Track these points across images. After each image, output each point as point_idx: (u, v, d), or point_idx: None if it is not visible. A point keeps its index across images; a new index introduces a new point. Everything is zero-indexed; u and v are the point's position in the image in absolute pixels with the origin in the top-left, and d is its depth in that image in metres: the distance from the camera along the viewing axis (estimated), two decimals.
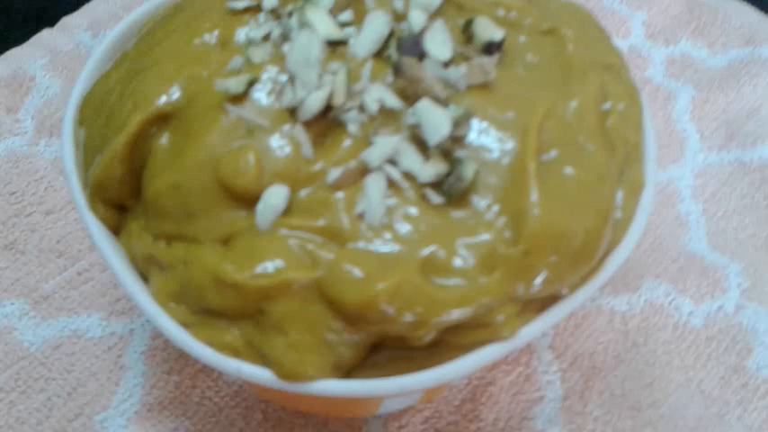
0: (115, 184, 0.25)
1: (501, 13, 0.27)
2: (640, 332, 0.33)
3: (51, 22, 0.44)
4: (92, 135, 0.26)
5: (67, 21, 0.44)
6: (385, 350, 0.23)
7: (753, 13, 0.46)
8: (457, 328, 0.23)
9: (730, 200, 0.38)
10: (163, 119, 0.25)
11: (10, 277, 0.34)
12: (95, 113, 0.27)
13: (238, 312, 0.22)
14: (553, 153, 0.24)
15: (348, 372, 0.23)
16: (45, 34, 0.43)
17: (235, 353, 0.23)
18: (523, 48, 0.27)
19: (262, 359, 0.23)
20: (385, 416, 0.30)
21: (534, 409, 0.31)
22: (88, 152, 0.26)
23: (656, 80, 0.43)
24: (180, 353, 0.31)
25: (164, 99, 0.25)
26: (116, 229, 0.26)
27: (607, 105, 0.26)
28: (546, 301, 0.24)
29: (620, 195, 0.25)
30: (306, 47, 0.24)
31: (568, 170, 0.24)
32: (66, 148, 0.26)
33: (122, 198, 0.26)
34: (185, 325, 0.23)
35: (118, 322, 0.33)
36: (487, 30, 0.26)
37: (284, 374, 0.22)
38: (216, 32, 0.26)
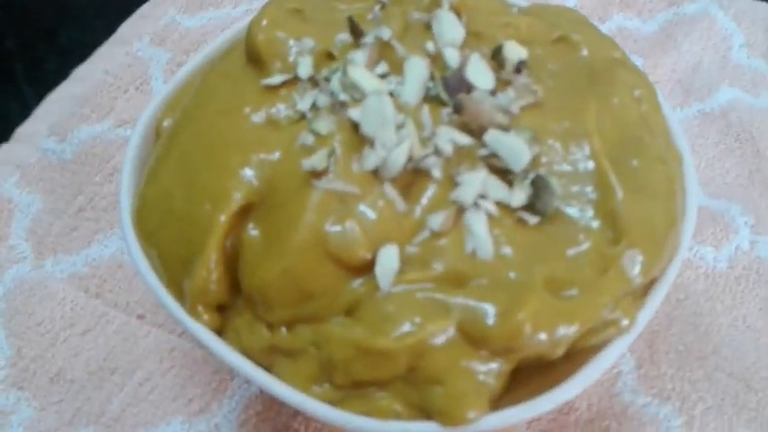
0: (214, 287, 0.25)
1: (513, 31, 0.29)
2: (680, 289, 0.36)
3: (2, 135, 0.43)
4: (167, 246, 0.26)
5: (23, 131, 0.42)
6: (522, 370, 0.24)
7: None
8: (585, 333, 0.24)
9: (707, 150, 0.42)
10: (246, 210, 0.25)
11: (69, 409, 0.32)
12: (161, 224, 0.26)
13: (389, 376, 0.23)
14: (616, 149, 0.26)
15: (497, 401, 0.24)
16: (4, 149, 0.42)
17: (395, 415, 0.23)
18: (543, 59, 0.29)
19: (422, 414, 0.23)
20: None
21: (617, 384, 0.34)
22: (169, 263, 0.26)
23: None
24: (274, 430, 0.31)
25: (242, 191, 0.25)
26: (218, 331, 0.26)
27: (636, 93, 0.28)
28: (645, 288, 0.26)
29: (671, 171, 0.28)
30: (380, 110, 0.24)
31: (635, 162, 0.26)
32: (144, 271, 0.26)
33: (222, 298, 0.26)
34: (334, 403, 0.24)
35: (200, 420, 0.32)
36: (515, 51, 0.27)
37: (451, 422, 0.23)
38: (261, 113, 0.27)
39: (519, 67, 0.27)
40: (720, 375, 0.34)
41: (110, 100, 0.44)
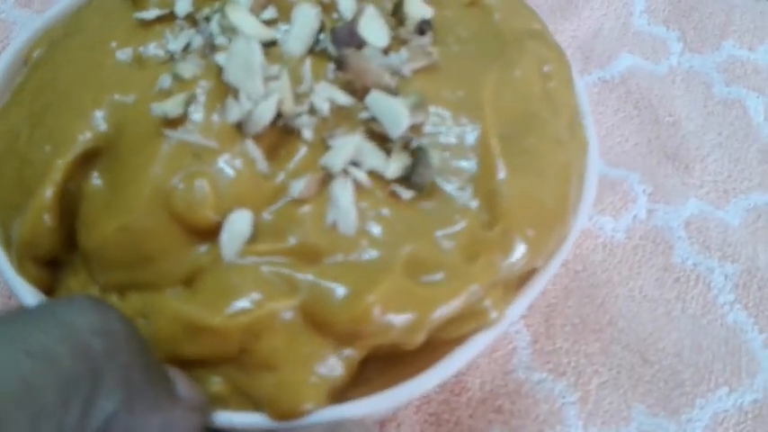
0: (46, 240, 0.22)
1: None
2: (577, 260, 0.34)
3: None
4: (3, 188, 0.23)
5: None
6: (375, 361, 0.22)
7: None
8: (447, 323, 0.22)
9: (606, 118, 0.39)
10: (90, 157, 0.22)
11: None
12: (1, 163, 0.23)
13: (218, 357, 0.20)
14: (510, 125, 0.23)
15: (342, 393, 0.21)
16: None
17: (222, 403, 0.20)
18: (452, 22, 0.26)
19: (251, 403, 0.20)
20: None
21: (512, 361, 0.31)
22: (3, 208, 0.23)
23: None
24: None
25: (88, 135, 0.22)
26: (49, 290, 0.23)
27: (546, 69, 0.25)
28: (522, 277, 0.23)
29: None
30: (245, 54, 0.21)
31: (528, 140, 0.23)
32: None
33: (55, 253, 0.22)
34: None
35: None
36: (418, 8, 0.24)
37: (280, 414, 0.20)
38: (128, 50, 0.23)
39: (422, 28, 0.24)
40: (616, 348, 0.32)
41: None
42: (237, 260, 0.21)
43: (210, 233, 0.21)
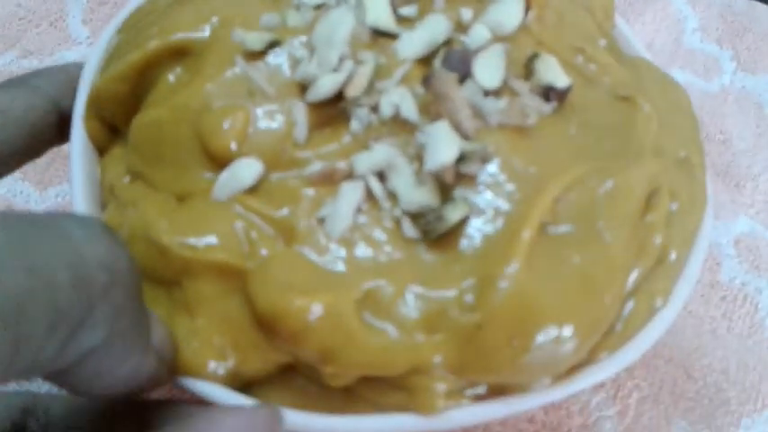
0: (113, 104, 0.23)
1: (579, 60, 0.23)
2: None
3: None
4: (119, 45, 0.24)
5: None
6: (298, 377, 0.20)
7: None
8: (374, 382, 0.19)
9: None
10: (179, 53, 0.22)
11: None
12: (132, 26, 0.25)
13: (158, 276, 0.20)
14: (563, 228, 0.20)
15: (247, 384, 0.20)
16: None
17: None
18: (588, 106, 0.22)
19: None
20: None
21: None
22: (109, 61, 0.24)
23: None
24: None
25: (187, 34, 0.22)
26: (101, 149, 0.24)
27: (657, 200, 0.21)
28: (495, 389, 0.20)
29: (629, 306, 0.21)
30: (336, 23, 0.20)
31: (570, 253, 0.19)
32: (95, 52, 0.25)
33: (116, 120, 0.23)
34: None
35: None
36: (551, 72, 0.22)
37: (176, 364, 0.19)
38: None
39: (549, 94, 0.22)
40: (659, 362, 0.30)
41: (18, 33, 0.39)
42: (225, 202, 0.20)
43: (221, 165, 0.21)
